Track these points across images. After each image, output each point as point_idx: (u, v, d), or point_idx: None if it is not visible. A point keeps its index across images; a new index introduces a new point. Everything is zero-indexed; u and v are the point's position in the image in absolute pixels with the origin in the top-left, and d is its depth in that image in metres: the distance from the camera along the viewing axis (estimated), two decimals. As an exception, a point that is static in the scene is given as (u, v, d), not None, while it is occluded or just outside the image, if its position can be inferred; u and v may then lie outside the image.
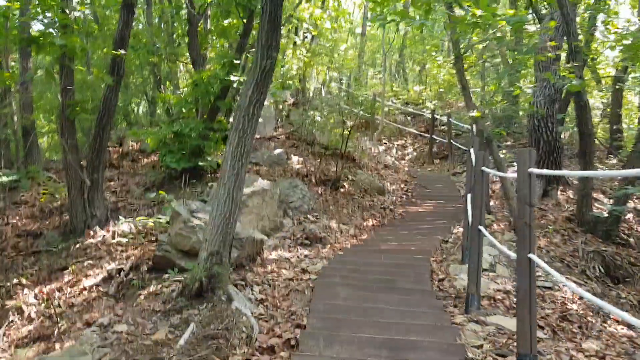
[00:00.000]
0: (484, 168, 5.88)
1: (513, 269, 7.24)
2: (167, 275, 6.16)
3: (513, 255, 4.22)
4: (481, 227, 5.61)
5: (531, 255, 3.93)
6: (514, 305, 5.68)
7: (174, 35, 15.40)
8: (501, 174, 7.76)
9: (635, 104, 17.77)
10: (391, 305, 5.38)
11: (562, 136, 12.70)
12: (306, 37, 17.96)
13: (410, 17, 6.28)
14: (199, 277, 5.32)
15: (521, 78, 9.54)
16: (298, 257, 7.55)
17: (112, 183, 11.54)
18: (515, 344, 4.47)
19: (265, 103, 16.36)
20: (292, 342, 4.54)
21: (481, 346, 4.50)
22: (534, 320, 3.91)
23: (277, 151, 12.76)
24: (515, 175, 4.29)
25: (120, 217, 8.46)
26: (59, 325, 5.58)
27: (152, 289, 6.04)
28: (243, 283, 5.92)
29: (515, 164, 4.66)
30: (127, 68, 15.26)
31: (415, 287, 6.14)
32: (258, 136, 14.60)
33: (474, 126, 9.64)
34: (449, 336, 4.63)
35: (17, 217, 9.47)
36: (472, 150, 7.36)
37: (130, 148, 14.85)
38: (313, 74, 21.17)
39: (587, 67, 9.13)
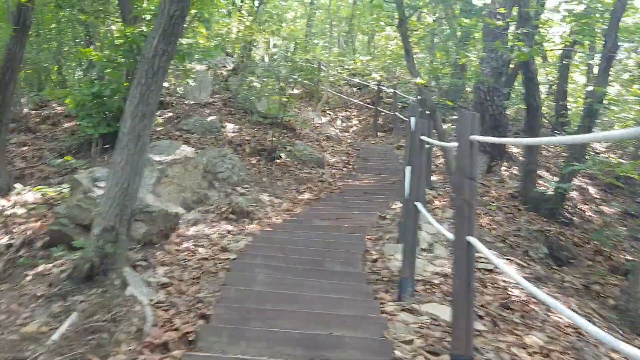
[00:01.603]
0: (423, 137, 5.24)
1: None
2: (61, 254, 5.29)
3: (451, 236, 3.60)
4: (418, 203, 5.00)
5: (470, 238, 3.31)
6: (451, 290, 5.14)
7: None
8: (441, 143, 7.19)
9: (581, 83, 17.65)
10: (315, 292, 4.72)
11: (507, 112, 12.33)
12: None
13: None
14: (89, 258, 4.51)
15: (470, 47, 8.99)
16: (220, 233, 6.79)
17: (25, 148, 10.42)
18: (450, 338, 3.91)
19: (202, 67, 15.42)
20: (191, 336, 3.81)
21: (411, 341, 3.89)
22: (471, 316, 3.31)
23: (210, 118, 11.87)
24: (454, 145, 3.66)
25: (18, 185, 7.45)
26: None
27: (40, 269, 5.18)
28: (145, 264, 5.12)
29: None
30: (54, 25, 13.96)
31: (345, 270, 5.50)
32: (192, 102, 13.65)
33: (418, 97, 9.06)
34: (376, 329, 4.00)
35: None
36: (412, 118, 6.74)
37: (54, 112, 13.62)
38: (261, 43, 20.20)
39: (535, 41, 8.67)
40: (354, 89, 19.54)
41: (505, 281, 5.81)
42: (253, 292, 4.62)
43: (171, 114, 12.56)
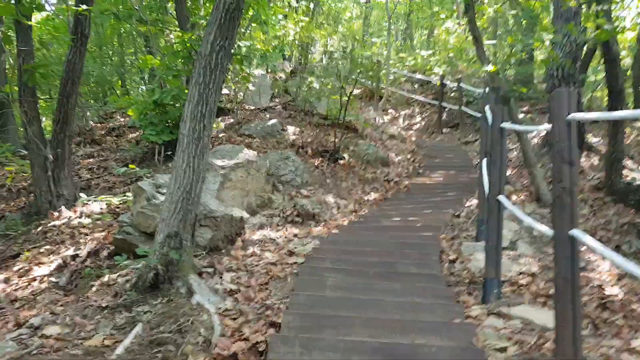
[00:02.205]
0: (504, 124, 4.79)
1: (538, 246, 6.20)
2: (126, 262, 5.16)
3: (548, 230, 3.17)
4: (501, 197, 4.56)
5: (574, 232, 2.88)
6: (542, 292, 4.66)
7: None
8: (530, 127, 6.65)
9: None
10: (390, 297, 4.36)
11: (581, 100, 11.53)
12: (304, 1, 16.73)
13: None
14: (154, 265, 4.33)
15: (541, 31, 8.38)
16: (286, 237, 6.53)
17: (90, 160, 10.57)
18: (549, 344, 3.46)
19: (261, 72, 15.33)
20: (261, 346, 3.53)
21: (505, 349, 3.47)
22: (578, 317, 2.88)
23: (271, 122, 11.69)
24: (549, 126, 3.23)
25: (82, 195, 7.44)
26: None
27: (106, 279, 5.06)
28: (212, 270, 4.90)
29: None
30: (116, 39, 14.23)
31: (421, 272, 5.11)
32: (252, 107, 13.56)
33: (489, 85, 8.52)
34: (463, 337, 3.60)
35: (-20, 199, 8.54)
36: (487, 107, 6.27)
37: (119, 124, 13.87)
38: (317, 44, 19.99)
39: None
40: (416, 86, 18.99)
41: (599, 279, 5.26)
42: (323, 297, 4.31)
43: (232, 120, 12.51)
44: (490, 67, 7.46)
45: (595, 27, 7.71)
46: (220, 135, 11.30)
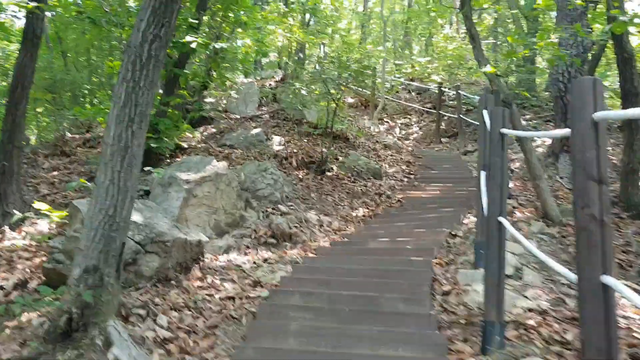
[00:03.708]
0: (504, 130, 3.90)
1: (547, 273, 5.29)
2: (48, 299, 4.26)
3: (569, 274, 2.28)
4: (502, 219, 3.67)
5: (607, 279, 2.00)
6: (556, 337, 3.74)
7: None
8: (533, 133, 5.76)
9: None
10: (366, 348, 3.46)
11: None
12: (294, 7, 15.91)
13: None
14: (67, 308, 3.43)
15: (544, 33, 7.51)
16: (255, 262, 5.63)
17: (55, 173, 9.68)
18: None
19: (248, 79, 14.50)
20: None
21: None
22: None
23: (255, 131, 10.84)
24: (565, 132, 2.38)
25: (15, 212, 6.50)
26: None
27: (24, 319, 4.15)
28: (145, 312, 3.99)
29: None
30: (89, 43, 13.36)
31: (408, 310, 4.20)
32: (237, 116, 12.71)
33: (489, 87, 7.64)
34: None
35: None
36: (485, 111, 5.39)
37: (97, 135, 13.00)
38: (313, 53, 19.18)
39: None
40: (413, 94, 18.14)
41: (625, 317, 4.34)
42: (280, 352, 3.40)
43: (214, 130, 11.66)
44: (488, 68, 6.59)
45: (608, 21, 6.86)
46: (198, 145, 10.46)
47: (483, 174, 5.14)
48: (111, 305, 3.58)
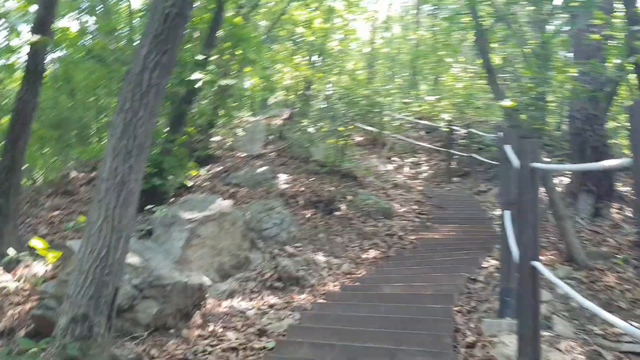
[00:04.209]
0: (535, 164, 3.56)
1: (579, 322, 4.87)
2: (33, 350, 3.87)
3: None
4: (536, 263, 3.30)
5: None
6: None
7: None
8: (572, 166, 5.39)
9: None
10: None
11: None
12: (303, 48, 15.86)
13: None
14: (51, 363, 3.06)
15: (563, 67, 7.28)
16: (259, 308, 5.24)
17: (56, 212, 9.38)
18: None
19: (256, 118, 14.31)
20: None
21: None
22: None
23: (261, 169, 10.55)
24: (626, 160, 2.04)
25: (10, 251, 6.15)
26: None
27: (7, 373, 3.77)
28: (138, 366, 3.60)
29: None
30: (97, 82, 13.28)
31: (429, 364, 3.79)
32: (244, 154, 12.45)
33: (508, 122, 7.33)
34: None
35: None
36: (507, 146, 5.07)
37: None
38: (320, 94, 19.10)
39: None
40: (422, 132, 17.90)
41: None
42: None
43: (220, 167, 11.40)
44: (507, 102, 6.30)
45: (628, 53, 6.60)
46: (205, 184, 10.16)
47: (507, 214, 4.78)
48: (103, 358, 3.20)
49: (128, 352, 3.72)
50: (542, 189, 6.67)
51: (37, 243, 5.66)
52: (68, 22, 13.28)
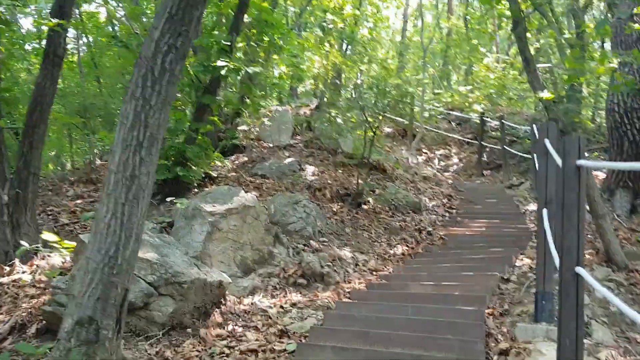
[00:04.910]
0: (581, 161, 3.24)
1: (620, 328, 4.54)
2: (39, 350, 3.72)
3: None
4: (580, 270, 3.00)
5: None
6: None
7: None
8: (621, 165, 5.03)
9: None
10: None
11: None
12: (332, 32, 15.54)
13: None
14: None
15: (604, 58, 6.83)
16: (282, 306, 5.03)
17: (79, 201, 9.32)
18: None
19: (282, 107, 14.08)
20: None
21: None
22: None
23: (288, 160, 10.34)
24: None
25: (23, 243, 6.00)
26: None
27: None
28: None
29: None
30: (123, 68, 13.21)
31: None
32: (270, 145, 12.23)
33: (548, 115, 6.93)
34: None
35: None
36: (546, 141, 4.73)
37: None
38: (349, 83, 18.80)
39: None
40: (453, 124, 17.47)
41: None
42: None
43: (246, 159, 11.21)
44: (545, 94, 5.94)
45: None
46: (230, 174, 9.99)
47: (545, 212, 4.46)
48: (108, 363, 3.02)
49: (140, 355, 3.54)
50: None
51: (48, 237, 5.53)
52: (95, 8, 13.20)
